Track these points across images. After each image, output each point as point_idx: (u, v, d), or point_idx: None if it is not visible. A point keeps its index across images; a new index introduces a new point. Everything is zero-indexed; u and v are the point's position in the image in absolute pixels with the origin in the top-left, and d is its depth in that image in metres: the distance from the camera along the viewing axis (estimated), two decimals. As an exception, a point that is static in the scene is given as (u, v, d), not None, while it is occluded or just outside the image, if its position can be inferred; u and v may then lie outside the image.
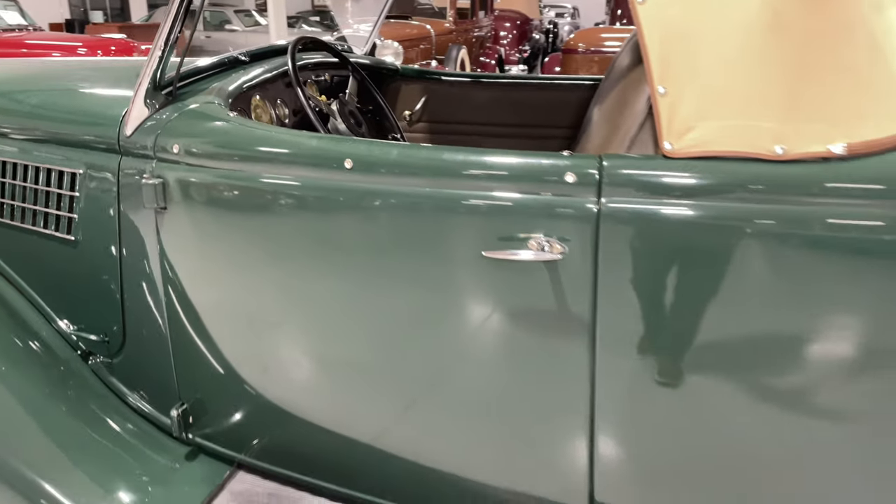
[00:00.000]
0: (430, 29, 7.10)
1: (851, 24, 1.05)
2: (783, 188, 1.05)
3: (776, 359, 1.12)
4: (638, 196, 1.11)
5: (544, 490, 1.32)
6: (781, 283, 1.07)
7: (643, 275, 1.12)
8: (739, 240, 1.07)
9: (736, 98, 1.07)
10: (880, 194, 1.03)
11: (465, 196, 1.18)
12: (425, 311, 1.25)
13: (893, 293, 1.05)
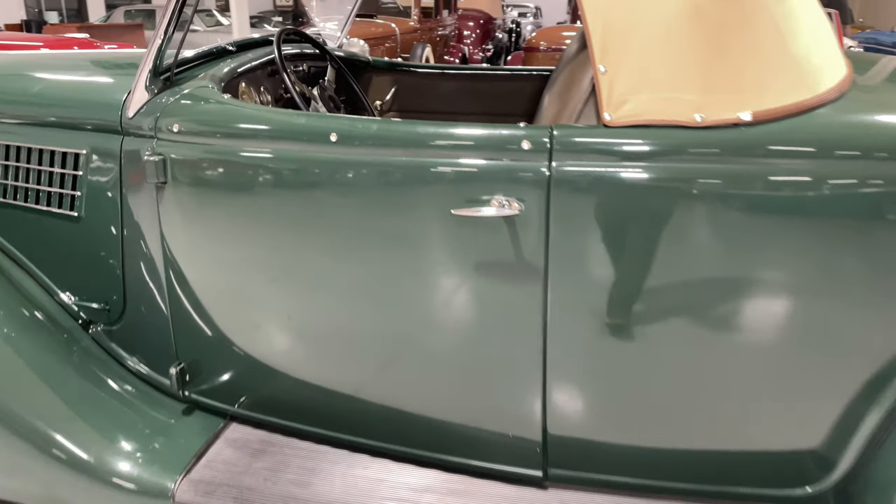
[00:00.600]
0: (395, 27, 7.28)
1: (757, 12, 1.26)
2: (702, 150, 1.26)
3: (700, 300, 1.33)
4: (583, 160, 1.30)
5: (504, 426, 1.51)
6: (702, 232, 1.28)
7: (588, 227, 1.31)
8: (667, 195, 1.28)
9: (663, 75, 1.27)
10: (781, 154, 1.24)
11: (436, 163, 1.36)
12: (402, 266, 1.43)
13: (793, 237, 1.26)
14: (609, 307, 1.36)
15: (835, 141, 1.23)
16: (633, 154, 1.28)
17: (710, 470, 1.46)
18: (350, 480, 1.57)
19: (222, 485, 1.55)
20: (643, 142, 1.28)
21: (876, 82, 1.44)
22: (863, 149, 1.22)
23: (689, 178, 1.26)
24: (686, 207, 1.28)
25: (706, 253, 1.30)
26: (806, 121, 1.25)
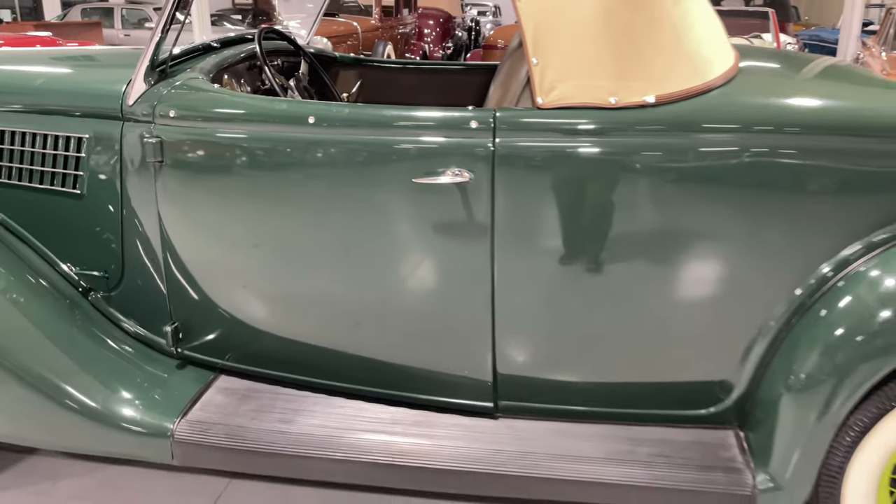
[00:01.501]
0: (357, 26, 7.50)
1: (658, 16, 1.55)
2: (616, 127, 1.54)
3: (619, 252, 1.61)
4: (521, 136, 1.57)
5: (460, 366, 1.77)
6: (616, 192, 1.56)
7: (526, 191, 1.59)
8: (588, 163, 1.56)
9: (584, 66, 1.55)
10: (678, 128, 1.53)
11: (400, 141, 1.62)
12: (371, 228, 1.69)
13: (690, 197, 1.55)
14: (545, 260, 1.64)
15: (720, 117, 1.53)
16: (561, 130, 1.56)
17: (634, 396, 1.74)
18: (328, 417, 1.81)
19: (216, 424, 1.79)
20: (569, 121, 1.56)
21: (761, 70, 1.74)
22: (742, 123, 1.52)
23: (606, 148, 1.55)
24: (603, 173, 1.56)
25: (621, 210, 1.58)
26: (698, 102, 1.54)
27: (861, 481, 1.57)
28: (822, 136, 1.53)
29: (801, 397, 1.54)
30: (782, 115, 1.53)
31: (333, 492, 2.01)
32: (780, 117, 1.53)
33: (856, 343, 1.49)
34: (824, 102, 1.58)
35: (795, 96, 1.60)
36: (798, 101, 1.58)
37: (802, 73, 1.80)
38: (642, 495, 1.62)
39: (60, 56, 2.19)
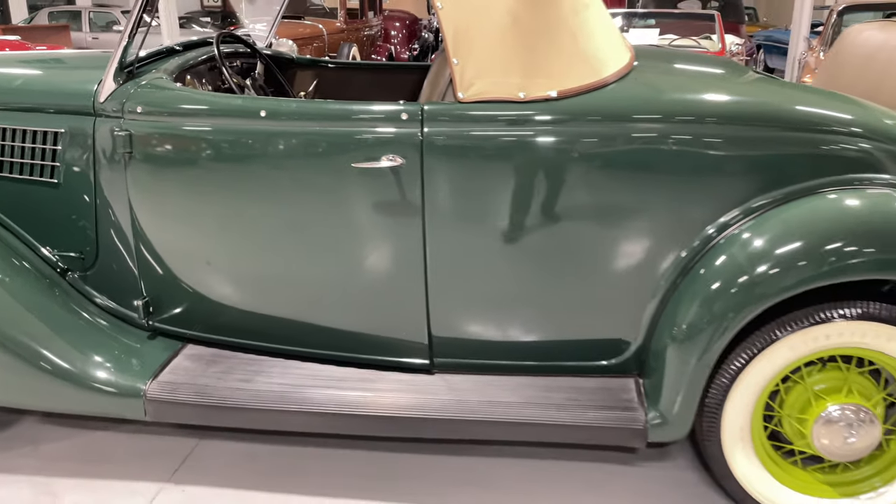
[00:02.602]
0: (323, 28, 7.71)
1: (558, 23, 1.82)
2: (525, 118, 1.81)
3: (529, 225, 1.87)
4: (445, 126, 1.83)
5: (399, 329, 2.02)
6: (526, 172, 1.83)
7: (450, 173, 1.84)
8: (501, 148, 1.82)
9: (497, 65, 1.81)
10: (577, 118, 1.80)
11: (341, 131, 1.87)
12: (317, 208, 1.93)
13: (591, 175, 1.82)
14: (470, 233, 1.90)
15: (614, 108, 1.80)
16: (479, 121, 1.82)
17: (550, 351, 2.01)
18: (285, 376, 2.05)
19: (184, 384, 2.02)
20: (485, 112, 1.82)
21: (653, 68, 2.02)
22: (632, 113, 1.80)
23: (517, 135, 1.81)
24: (515, 157, 1.82)
25: (533, 188, 1.84)
26: (594, 95, 1.82)
27: (737, 416, 1.86)
28: (704, 124, 1.80)
29: (682, 346, 1.82)
30: (667, 107, 1.81)
31: (296, 448, 2.25)
32: (664, 108, 1.81)
33: (725, 295, 1.77)
34: (705, 96, 1.86)
35: (679, 90, 1.88)
36: (682, 94, 1.86)
37: (690, 70, 2.09)
38: (555, 431, 1.89)
39: (36, 59, 2.40)
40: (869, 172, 1.83)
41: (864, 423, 1.81)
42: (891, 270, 1.72)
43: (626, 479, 2.13)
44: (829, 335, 1.77)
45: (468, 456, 2.21)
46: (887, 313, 1.75)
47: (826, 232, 1.75)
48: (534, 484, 2.10)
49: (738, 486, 1.92)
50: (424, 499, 2.05)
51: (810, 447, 1.87)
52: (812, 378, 1.87)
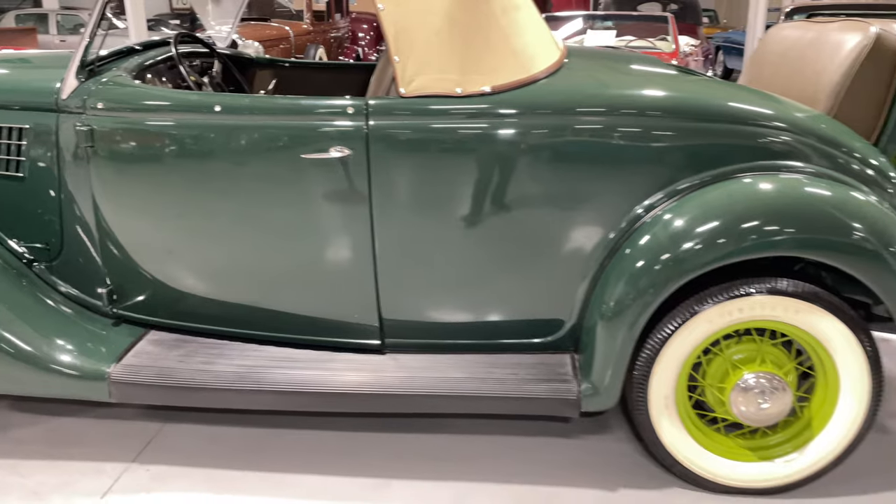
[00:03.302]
0: (289, 30, 7.79)
1: (489, 23, 1.97)
2: (462, 111, 1.95)
3: (474, 210, 2.01)
4: (388, 120, 1.96)
5: (352, 312, 2.15)
6: (459, 162, 1.97)
7: (394, 162, 1.98)
8: (442, 140, 1.96)
9: (436, 62, 1.96)
10: (509, 111, 1.95)
11: (292, 125, 1.99)
12: (269, 197, 2.05)
13: (525, 169, 1.97)
14: (415, 219, 2.03)
15: (543, 102, 1.95)
16: (420, 114, 1.96)
17: (492, 330, 2.15)
18: (245, 358, 2.17)
19: (147, 366, 2.12)
20: (426, 107, 1.96)
21: (582, 66, 2.17)
22: (561, 106, 1.95)
23: (455, 127, 1.96)
24: (452, 146, 1.97)
25: (473, 176, 1.98)
26: (525, 90, 1.97)
27: (662, 386, 2.01)
28: (627, 116, 1.96)
29: (610, 322, 1.97)
30: (591, 100, 1.97)
31: (257, 429, 2.37)
32: (590, 101, 1.96)
33: (648, 272, 1.93)
34: (628, 90, 2.02)
35: (604, 85, 2.03)
36: (606, 89, 2.01)
37: (618, 67, 2.25)
38: (497, 404, 2.03)
39: (1, 59, 2.49)
40: (780, 160, 2.00)
41: (777, 391, 1.98)
42: (797, 247, 1.89)
43: (568, 450, 2.28)
44: (743, 309, 1.94)
45: (419, 432, 2.35)
46: (794, 288, 1.92)
47: (740, 212, 1.91)
48: (481, 457, 2.24)
49: (665, 452, 2.08)
50: (379, 471, 2.18)
51: (730, 414, 2.03)
52: (730, 350, 2.04)
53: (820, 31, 2.38)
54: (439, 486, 2.11)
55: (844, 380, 1.99)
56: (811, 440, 2.06)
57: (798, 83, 2.31)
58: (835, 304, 1.93)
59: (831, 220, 1.90)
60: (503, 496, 2.08)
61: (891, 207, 2.01)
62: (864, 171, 2.03)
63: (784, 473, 2.06)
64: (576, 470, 2.19)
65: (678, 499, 2.07)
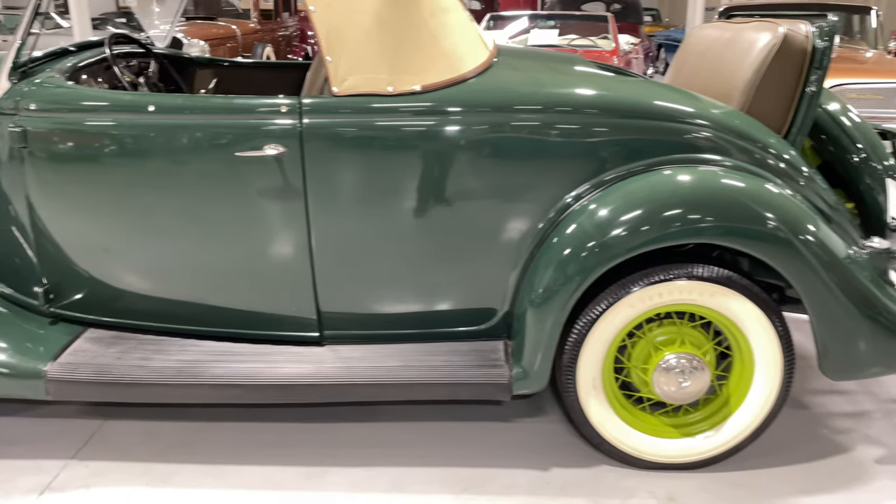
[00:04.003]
0: (236, 29, 7.74)
1: (418, 24, 2.04)
2: (393, 109, 2.02)
3: (407, 204, 2.08)
4: (321, 117, 2.02)
5: (290, 306, 2.20)
6: (397, 160, 2.04)
7: (327, 159, 2.03)
8: (374, 137, 2.02)
9: (367, 62, 2.02)
10: (437, 109, 2.02)
11: (226, 123, 2.03)
12: (204, 195, 2.08)
13: (454, 164, 2.04)
14: (349, 214, 2.09)
15: (472, 100, 2.03)
16: (353, 112, 2.02)
17: (427, 320, 2.22)
18: (184, 354, 2.20)
19: (84, 364, 2.13)
20: (358, 105, 2.02)
21: (511, 65, 2.26)
22: (489, 104, 2.03)
23: (386, 125, 2.02)
24: (384, 144, 2.03)
25: (403, 171, 2.05)
26: (454, 88, 2.04)
27: (590, 369, 2.12)
28: (553, 113, 2.05)
29: (538, 308, 2.07)
30: (518, 98, 2.05)
31: (198, 423, 2.40)
32: (517, 99, 2.05)
33: (574, 259, 2.02)
34: (555, 88, 2.12)
35: (531, 84, 2.13)
36: (533, 87, 2.11)
37: (546, 66, 2.35)
38: (432, 390, 2.10)
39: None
40: (701, 154, 2.12)
41: (696, 370, 2.10)
42: (713, 235, 2.01)
43: (504, 434, 2.37)
44: (662, 294, 2.05)
45: (358, 422, 2.41)
46: (709, 273, 2.04)
47: (662, 201, 2.01)
48: (419, 443, 2.32)
49: (594, 431, 2.18)
50: (316, 460, 2.23)
51: (653, 393, 2.15)
52: (653, 333, 2.15)
53: (736, 32, 2.52)
54: (376, 472, 2.18)
55: (758, 359, 2.13)
56: (730, 416, 2.19)
57: (716, 81, 2.44)
58: (748, 288, 2.05)
59: (746, 209, 2.02)
60: (439, 479, 2.16)
61: (802, 198, 2.15)
62: (777, 164, 2.17)
63: (705, 448, 2.19)
64: (511, 452, 2.28)
65: (606, 475, 2.18)
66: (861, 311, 2.05)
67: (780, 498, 2.08)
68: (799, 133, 2.34)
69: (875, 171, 2.50)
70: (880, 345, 2.09)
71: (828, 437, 2.37)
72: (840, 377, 2.12)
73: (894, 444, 2.33)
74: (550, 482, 2.15)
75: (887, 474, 2.18)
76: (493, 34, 7.51)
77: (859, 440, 2.35)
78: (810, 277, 2.01)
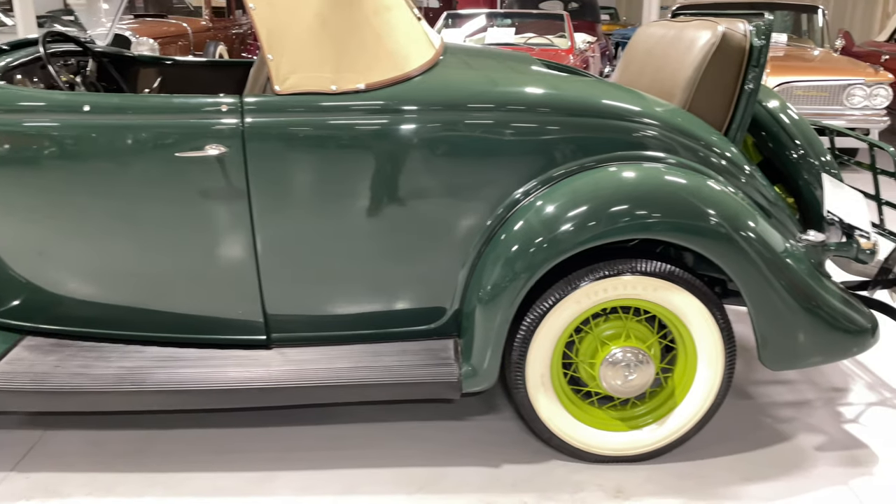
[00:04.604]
0: (187, 27, 7.59)
1: (361, 23, 2.02)
2: (338, 108, 2.00)
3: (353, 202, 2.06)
4: (263, 117, 1.99)
5: (235, 309, 2.16)
6: (341, 159, 2.02)
7: (270, 158, 2.01)
8: (318, 136, 2.00)
9: (309, 61, 2.00)
10: (381, 107, 2.01)
11: (165, 123, 1.99)
12: (144, 197, 2.03)
13: (400, 162, 2.04)
14: (293, 214, 2.06)
15: (416, 98, 2.03)
16: (296, 111, 1.99)
17: (377, 320, 2.21)
18: (126, 360, 2.14)
19: (21, 373, 2.06)
20: (301, 104, 2.00)
21: (458, 64, 2.26)
22: (434, 102, 2.03)
23: (330, 123, 2.00)
24: (328, 142, 2.01)
25: (348, 170, 2.03)
26: (399, 87, 2.03)
27: (538, 365, 2.13)
28: (499, 111, 2.06)
29: (486, 306, 2.07)
30: (463, 97, 2.06)
31: (142, 432, 2.35)
32: (461, 98, 2.05)
33: (519, 256, 2.03)
34: (500, 87, 2.12)
35: (479, 82, 2.13)
36: (477, 86, 2.11)
37: (493, 65, 2.36)
38: (382, 390, 2.08)
39: None
40: (646, 151, 2.15)
41: (641, 364, 2.13)
42: (656, 231, 2.04)
43: (457, 432, 2.37)
44: (608, 289, 2.08)
45: (309, 424, 2.39)
46: (652, 268, 2.07)
47: (606, 197, 2.04)
48: (371, 445, 2.30)
49: (544, 427, 2.20)
50: (266, 465, 2.20)
51: (600, 387, 2.17)
52: (599, 328, 2.18)
53: (679, 30, 2.56)
54: (328, 475, 2.16)
55: (701, 351, 2.17)
56: (675, 408, 2.23)
57: (660, 78, 2.48)
58: (689, 282, 2.09)
59: (688, 206, 2.06)
60: (391, 480, 2.15)
61: (743, 195, 2.20)
62: (719, 161, 2.21)
63: (652, 440, 2.22)
64: (464, 450, 2.28)
65: (556, 470, 2.20)
66: (798, 303, 2.11)
67: (723, 486, 2.13)
68: (739, 129, 2.39)
69: (812, 167, 2.58)
70: (818, 335, 2.16)
71: (770, 425, 2.43)
72: (779, 367, 2.18)
73: (834, 431, 2.40)
74: (501, 479, 2.16)
75: (826, 461, 2.25)
76: (451, 32, 7.52)
77: (800, 428, 2.42)
78: (749, 271, 2.06)
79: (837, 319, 2.16)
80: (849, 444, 2.34)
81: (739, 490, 2.12)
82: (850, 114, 5.94)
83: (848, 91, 5.91)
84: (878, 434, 2.39)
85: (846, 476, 2.18)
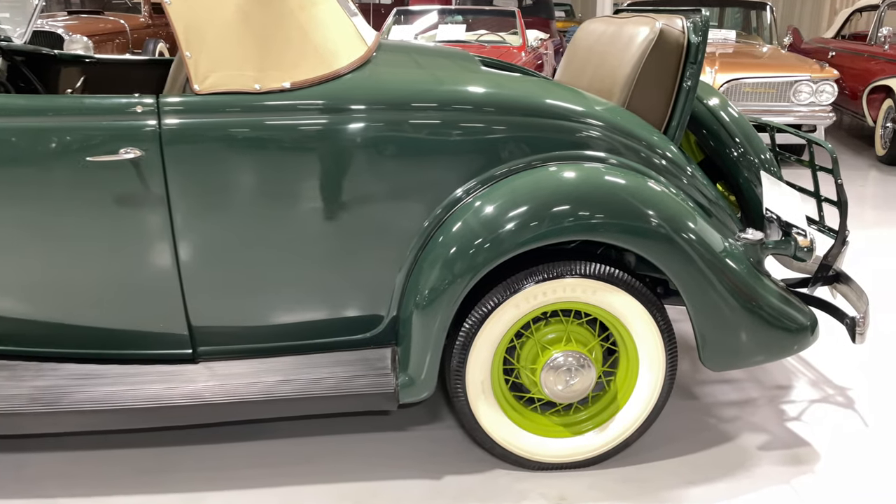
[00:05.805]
0: (125, 24, 7.33)
1: (286, 19, 1.93)
2: (261, 107, 1.90)
3: (278, 207, 1.96)
4: (182, 117, 1.88)
5: (158, 323, 2.04)
6: (267, 161, 1.92)
7: (189, 161, 1.89)
8: (240, 137, 1.89)
9: (231, 58, 1.89)
10: (308, 106, 1.92)
11: (74, 125, 1.85)
12: (57, 207, 1.89)
13: (329, 164, 1.95)
14: (217, 220, 1.96)
15: (343, 98, 1.94)
16: (217, 111, 1.89)
17: (310, 330, 2.12)
18: (41, 380, 2.00)
19: (-77, 396, 1.92)
20: (222, 103, 1.89)
21: (391, 62, 2.18)
22: (364, 101, 1.94)
23: (251, 124, 1.90)
24: (252, 144, 1.91)
25: (274, 173, 1.93)
26: (327, 85, 1.94)
27: (478, 372, 2.07)
28: (432, 111, 1.98)
29: (423, 311, 2.00)
30: (393, 96, 1.97)
31: (67, 453, 2.21)
32: (390, 97, 1.97)
33: (458, 258, 1.96)
34: (432, 86, 2.04)
35: (407, 81, 2.05)
36: (408, 84, 2.03)
37: (429, 63, 2.28)
38: (315, 404, 1.99)
39: None
40: (588, 151, 2.10)
41: (583, 368, 2.08)
42: (598, 231, 1.99)
43: (399, 443, 2.29)
44: (546, 293, 2.02)
45: (241, 441, 2.28)
46: (591, 270, 2.02)
47: (545, 198, 1.98)
48: (309, 460, 2.21)
49: (485, 435, 2.13)
50: (195, 485, 2.09)
51: (542, 393, 2.12)
52: (540, 332, 2.12)
53: (618, 26, 2.53)
54: (261, 494, 2.06)
55: (643, 353, 2.13)
56: (618, 412, 2.19)
57: (600, 75, 2.44)
58: (629, 284, 2.05)
59: (628, 206, 2.01)
60: (330, 496, 2.06)
61: (684, 195, 2.17)
62: (660, 161, 2.18)
63: (595, 446, 2.18)
64: (405, 462, 2.21)
65: (499, 479, 2.14)
66: (738, 302, 2.09)
67: (666, 490, 2.10)
68: (678, 127, 2.36)
69: (752, 165, 2.57)
70: (758, 334, 2.14)
71: (714, 426, 2.42)
72: (720, 367, 2.16)
73: (777, 430, 2.40)
74: (443, 491, 2.09)
75: (769, 460, 2.24)
76: (401, 30, 7.41)
77: (744, 428, 2.41)
78: (689, 272, 2.03)
79: (777, 318, 2.15)
80: (791, 442, 2.33)
81: (682, 493, 2.09)
82: (797, 110, 6.04)
83: (795, 87, 6.00)
84: (821, 432, 2.39)
85: (788, 475, 2.17)
